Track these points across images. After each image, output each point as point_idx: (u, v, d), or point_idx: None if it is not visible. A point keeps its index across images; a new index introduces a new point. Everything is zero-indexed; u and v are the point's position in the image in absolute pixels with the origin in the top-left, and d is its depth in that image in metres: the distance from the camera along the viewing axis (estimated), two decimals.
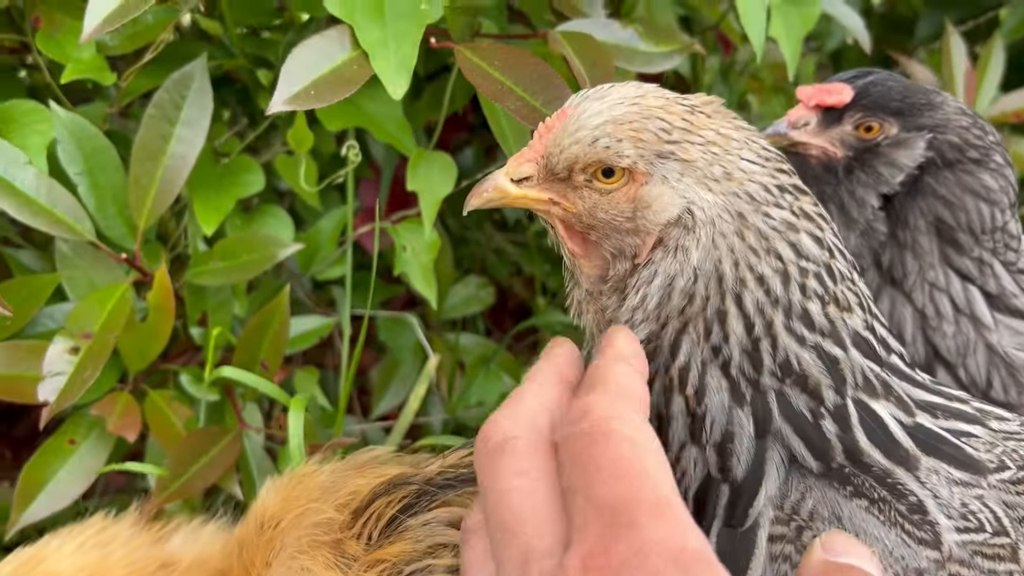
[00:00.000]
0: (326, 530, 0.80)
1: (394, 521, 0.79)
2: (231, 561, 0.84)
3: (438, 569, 0.78)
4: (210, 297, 1.10)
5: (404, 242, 1.13)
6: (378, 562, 0.78)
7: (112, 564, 0.82)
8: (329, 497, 0.82)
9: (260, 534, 0.82)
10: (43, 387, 0.91)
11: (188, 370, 1.10)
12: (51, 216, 0.96)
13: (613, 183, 0.69)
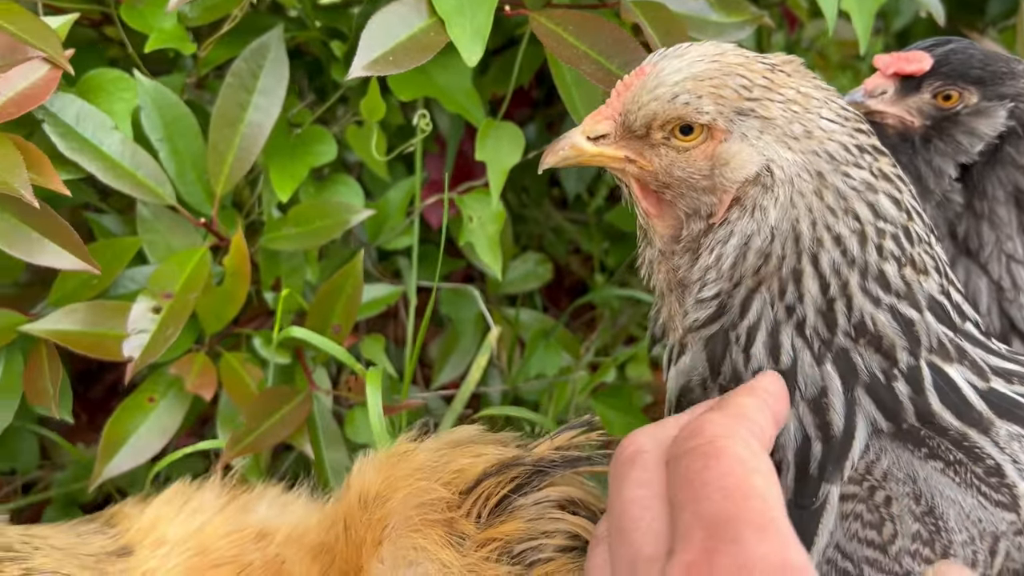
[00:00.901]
0: (437, 509, 0.81)
1: (504, 501, 0.80)
2: (332, 536, 0.85)
3: (548, 548, 0.80)
4: (283, 263, 1.13)
5: (470, 212, 1.14)
6: (491, 540, 0.79)
7: (211, 533, 0.85)
8: (433, 476, 0.83)
9: (365, 512, 0.83)
10: (128, 344, 0.95)
11: (260, 333, 1.13)
12: (134, 180, 1.00)
13: (691, 140, 0.70)
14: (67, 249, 0.92)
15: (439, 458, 0.84)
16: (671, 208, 0.75)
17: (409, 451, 0.85)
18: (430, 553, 0.79)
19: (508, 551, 0.80)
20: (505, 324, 1.51)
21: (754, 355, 0.73)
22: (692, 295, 0.75)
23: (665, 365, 0.86)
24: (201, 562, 0.82)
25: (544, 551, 0.80)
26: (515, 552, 0.80)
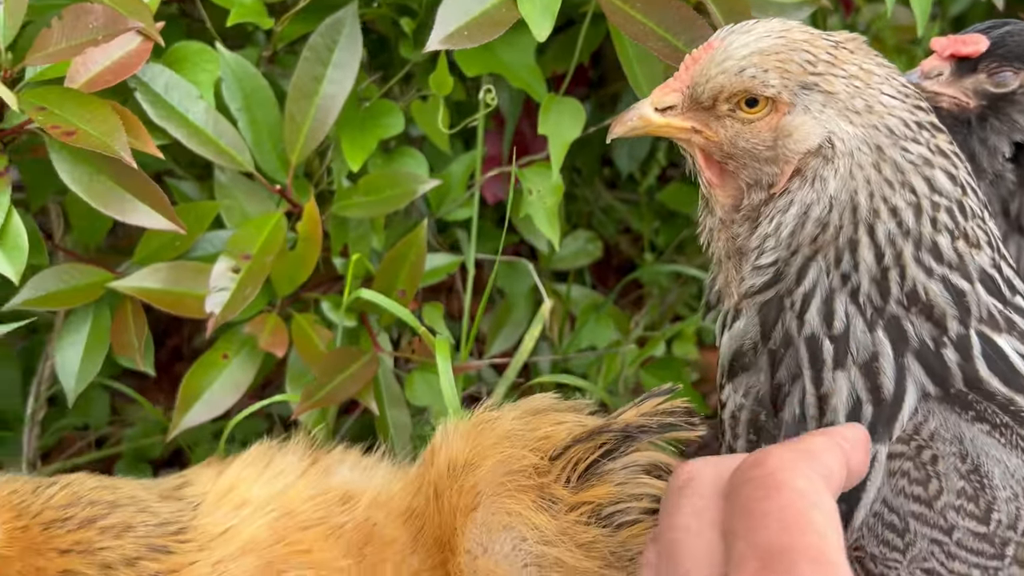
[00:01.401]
0: (528, 475, 0.84)
1: (593, 465, 0.83)
2: (420, 502, 0.88)
3: (635, 511, 0.83)
4: (351, 230, 1.18)
5: (530, 185, 1.18)
6: (581, 504, 0.83)
7: (295, 496, 0.87)
8: (520, 443, 0.85)
9: (455, 479, 0.85)
10: (210, 300, 1.01)
11: (328, 297, 1.19)
12: (217, 147, 1.06)
13: (756, 113, 0.73)
14: (156, 210, 0.98)
15: (524, 425, 0.87)
16: (733, 179, 0.78)
17: (494, 419, 0.88)
18: (524, 517, 0.82)
19: (597, 514, 0.83)
20: (556, 299, 1.56)
21: (808, 321, 0.77)
22: (749, 262, 0.79)
23: (718, 331, 0.90)
24: (288, 523, 0.85)
25: (631, 513, 0.83)
26: (603, 515, 0.83)
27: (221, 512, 0.87)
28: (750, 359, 0.82)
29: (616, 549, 0.83)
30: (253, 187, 1.14)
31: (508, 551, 0.82)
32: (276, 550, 0.84)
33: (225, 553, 0.83)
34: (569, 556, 0.82)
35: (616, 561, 0.83)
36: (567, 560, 0.82)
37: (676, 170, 1.75)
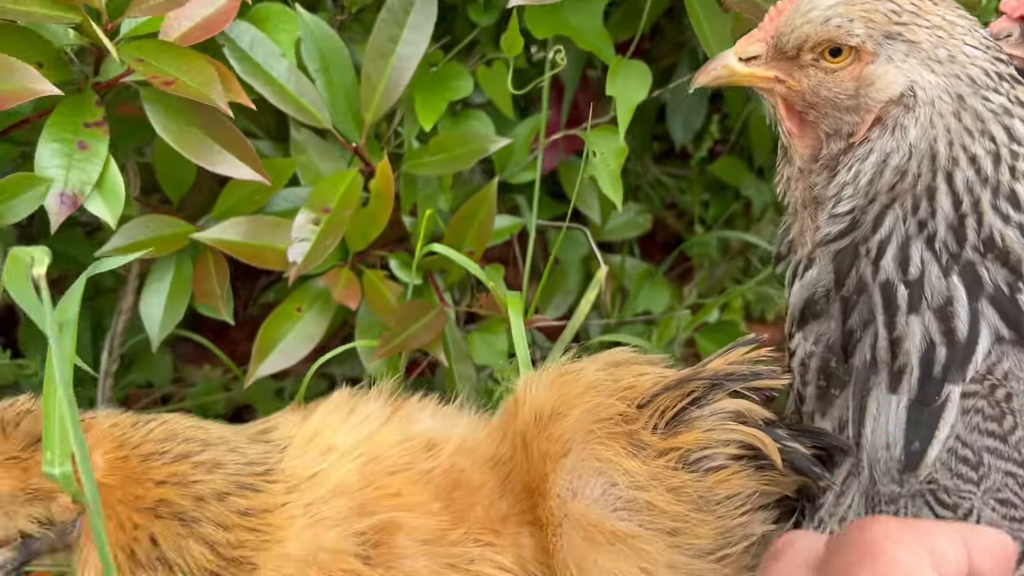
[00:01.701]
0: (616, 423, 0.86)
1: (682, 412, 0.85)
2: (506, 450, 0.90)
3: (721, 456, 0.85)
4: (420, 190, 1.22)
5: (595, 147, 1.21)
6: (670, 450, 0.85)
7: (381, 441, 0.90)
8: (606, 392, 0.88)
9: (542, 428, 0.87)
10: (292, 250, 1.05)
11: (396, 255, 1.22)
12: (298, 104, 1.09)
13: (839, 62, 0.76)
14: (243, 161, 1.02)
15: (608, 376, 0.89)
16: (812, 128, 0.81)
17: (577, 370, 0.90)
18: (615, 463, 0.84)
19: (685, 459, 0.85)
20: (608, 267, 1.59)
21: (883, 267, 0.79)
22: (826, 211, 0.81)
23: (788, 280, 0.93)
24: (375, 468, 0.87)
25: (718, 459, 0.85)
26: (691, 460, 0.85)
27: (308, 456, 0.89)
28: (822, 307, 0.85)
29: (704, 493, 0.85)
30: (327, 146, 1.18)
31: (598, 495, 0.84)
32: (366, 493, 0.86)
33: (316, 496, 0.86)
34: (660, 500, 0.84)
35: (704, 505, 0.85)
36: (658, 503, 0.84)
37: (724, 145, 1.77)
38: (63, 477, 0.66)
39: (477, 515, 0.86)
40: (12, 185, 0.97)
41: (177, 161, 1.12)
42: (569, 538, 0.84)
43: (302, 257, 1.04)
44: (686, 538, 0.84)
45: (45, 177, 0.96)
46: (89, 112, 0.99)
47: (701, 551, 0.85)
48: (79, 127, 0.98)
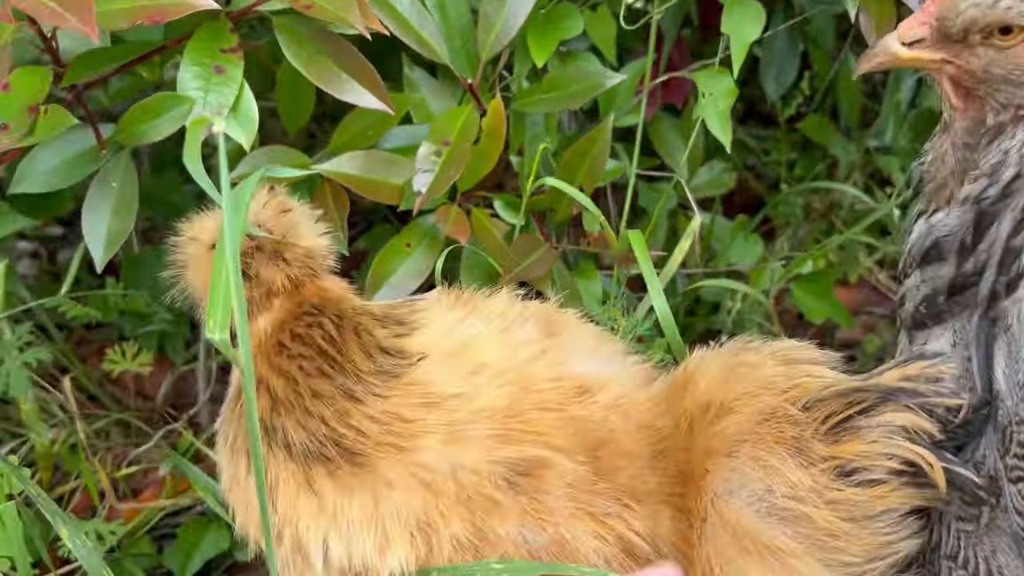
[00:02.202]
0: (786, 427, 0.85)
1: (847, 420, 0.84)
2: (666, 425, 0.89)
3: (881, 470, 0.83)
4: (528, 130, 1.23)
5: (704, 88, 1.22)
6: (832, 458, 0.83)
7: (534, 374, 0.88)
8: (777, 391, 0.87)
9: (710, 422, 0.87)
10: (417, 180, 1.07)
11: (502, 196, 1.24)
12: (419, 38, 1.11)
13: (1011, 40, 0.78)
14: (370, 90, 1.04)
15: (782, 373, 0.88)
16: (977, 102, 0.83)
17: (753, 363, 0.89)
18: (778, 471, 0.83)
19: (842, 468, 0.83)
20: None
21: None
22: (983, 175, 0.84)
23: (913, 219, 0.94)
24: (524, 400, 0.87)
25: (877, 472, 0.83)
26: (848, 470, 0.83)
27: (457, 371, 0.88)
28: (947, 251, 0.86)
29: (862, 508, 0.83)
30: (438, 85, 1.20)
31: (755, 500, 0.84)
32: (512, 424, 0.85)
33: (459, 415, 0.86)
34: (817, 513, 0.83)
35: (860, 520, 0.83)
36: (815, 517, 0.83)
37: (806, 106, 1.77)
38: (222, 343, 0.69)
39: (621, 480, 0.85)
40: (156, 105, 1.00)
41: (298, 93, 1.15)
42: (718, 537, 0.84)
43: (426, 187, 1.06)
44: (837, 554, 0.83)
45: (187, 97, 0.98)
46: (224, 38, 1.01)
47: (848, 566, 0.84)
48: (216, 52, 1.00)
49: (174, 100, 0.99)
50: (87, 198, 1.08)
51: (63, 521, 1.13)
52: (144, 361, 1.43)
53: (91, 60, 1.05)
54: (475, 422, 0.85)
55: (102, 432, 1.43)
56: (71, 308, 1.33)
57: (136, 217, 1.09)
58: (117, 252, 1.08)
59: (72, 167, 1.08)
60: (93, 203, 1.08)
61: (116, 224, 1.08)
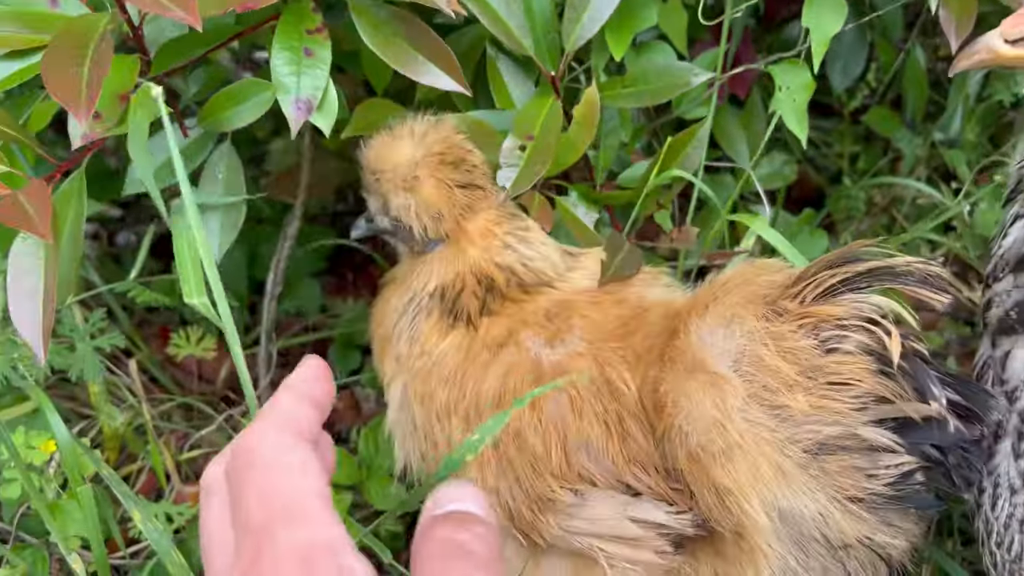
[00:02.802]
0: (766, 290, 0.92)
1: (831, 290, 0.87)
2: (684, 305, 0.99)
3: (851, 342, 0.86)
4: (605, 123, 1.22)
5: (781, 81, 1.20)
6: (804, 316, 0.88)
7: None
8: (771, 269, 0.95)
9: (712, 288, 0.96)
10: (501, 175, 1.06)
11: (578, 187, 1.23)
12: (506, 28, 1.10)
13: None
14: (447, 73, 1.03)
15: (787, 275, 0.94)
16: None
17: (770, 264, 0.97)
18: (742, 318, 0.90)
19: (817, 333, 0.87)
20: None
21: None
22: None
23: (1009, 220, 0.92)
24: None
25: (847, 344, 0.86)
26: (821, 335, 0.87)
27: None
28: None
29: (817, 366, 0.86)
30: (519, 74, 1.18)
31: (717, 340, 0.91)
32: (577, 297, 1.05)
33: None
34: (768, 355, 0.87)
35: (813, 377, 0.86)
36: (765, 358, 0.87)
37: (871, 97, 1.74)
38: (202, 306, 0.71)
39: (635, 340, 0.99)
40: (240, 91, 1.00)
41: (377, 73, 1.14)
42: (677, 372, 0.91)
43: (511, 182, 1.05)
44: (779, 397, 0.87)
45: (269, 84, 0.97)
46: (309, 19, 1.01)
47: (791, 418, 0.87)
48: (303, 34, 0.99)
49: (258, 86, 0.99)
50: (199, 190, 1.08)
51: (135, 504, 1.15)
52: (208, 346, 1.44)
53: (175, 48, 1.04)
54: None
55: (165, 415, 1.44)
56: (140, 293, 1.33)
57: None
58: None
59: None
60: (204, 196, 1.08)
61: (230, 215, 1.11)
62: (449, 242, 1.05)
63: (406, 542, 1.34)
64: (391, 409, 1.08)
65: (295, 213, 1.43)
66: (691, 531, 0.93)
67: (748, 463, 0.87)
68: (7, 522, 1.26)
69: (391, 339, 1.08)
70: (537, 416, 0.96)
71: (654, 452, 0.94)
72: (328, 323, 1.67)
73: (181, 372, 1.56)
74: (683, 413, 0.90)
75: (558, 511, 0.95)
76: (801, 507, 0.87)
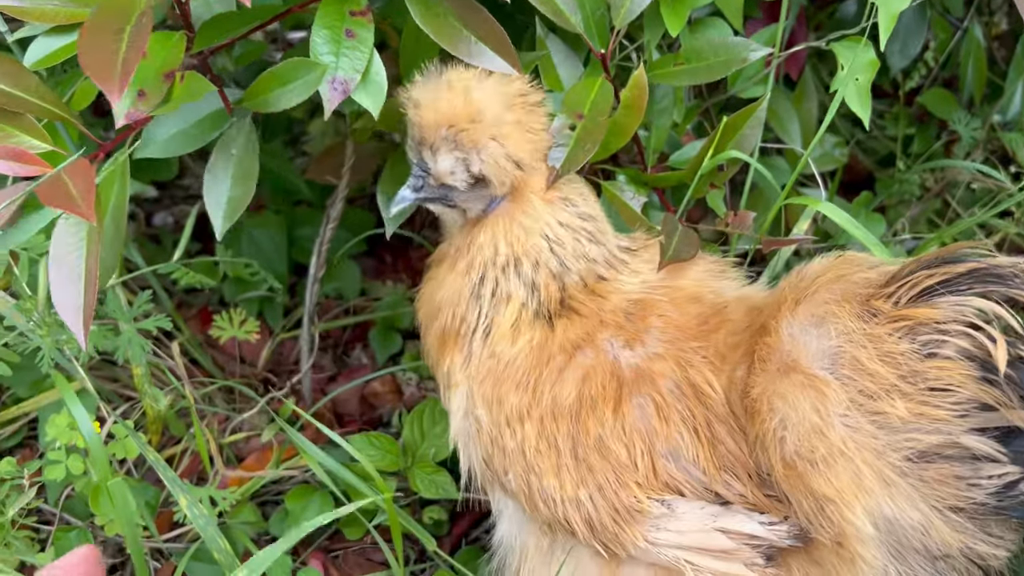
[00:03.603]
0: (860, 287, 0.87)
1: (928, 292, 0.83)
2: (766, 300, 0.96)
3: (951, 348, 0.82)
4: (656, 103, 1.18)
5: (843, 60, 1.15)
6: (900, 319, 0.84)
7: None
8: (865, 264, 0.91)
9: (797, 285, 0.92)
10: (552, 154, 1.03)
11: (626, 171, 1.19)
12: (554, 7, 1.06)
13: None
14: (499, 53, 1.00)
15: (875, 270, 0.90)
16: None
17: (856, 257, 0.93)
18: (838, 319, 0.86)
19: (914, 336, 0.83)
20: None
21: None
22: None
23: None
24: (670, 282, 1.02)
25: (948, 349, 0.82)
26: (920, 338, 0.83)
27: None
28: None
29: (917, 371, 0.83)
30: (567, 52, 1.15)
31: (811, 340, 0.87)
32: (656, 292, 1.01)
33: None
34: (866, 358, 0.84)
35: (913, 382, 0.83)
36: (864, 361, 0.84)
37: (924, 78, 1.68)
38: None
39: (717, 338, 0.96)
40: (286, 71, 0.97)
41: (422, 54, 1.11)
42: (770, 372, 0.88)
43: (560, 162, 1.02)
44: (879, 404, 0.84)
45: (320, 63, 0.95)
46: (354, 0, 0.98)
47: (890, 425, 0.84)
48: (345, 15, 0.97)
49: (306, 66, 0.96)
50: (208, 165, 1.06)
51: (181, 489, 1.14)
52: (251, 328, 1.42)
53: (220, 25, 1.02)
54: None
55: (206, 397, 1.43)
56: (183, 274, 1.32)
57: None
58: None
59: (195, 133, 1.06)
60: (214, 170, 1.06)
61: (237, 192, 1.07)
62: (512, 197, 0.98)
63: (449, 529, 1.33)
64: (455, 419, 1.02)
65: (338, 193, 1.41)
66: (787, 543, 0.89)
67: (851, 471, 0.83)
68: (52, 504, 1.26)
69: (455, 331, 1.01)
70: (620, 423, 0.92)
71: (746, 458, 0.90)
72: (367, 306, 1.65)
73: (222, 355, 1.56)
74: (778, 417, 0.86)
75: (644, 522, 0.91)
76: (904, 516, 0.84)
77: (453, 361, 1.02)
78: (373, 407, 1.52)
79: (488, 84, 0.96)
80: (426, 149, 0.97)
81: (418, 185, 0.99)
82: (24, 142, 0.91)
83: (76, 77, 1.12)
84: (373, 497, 1.16)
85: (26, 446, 1.39)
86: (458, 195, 0.99)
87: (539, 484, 0.94)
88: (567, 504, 0.92)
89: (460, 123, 0.94)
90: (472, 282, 0.99)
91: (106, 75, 0.81)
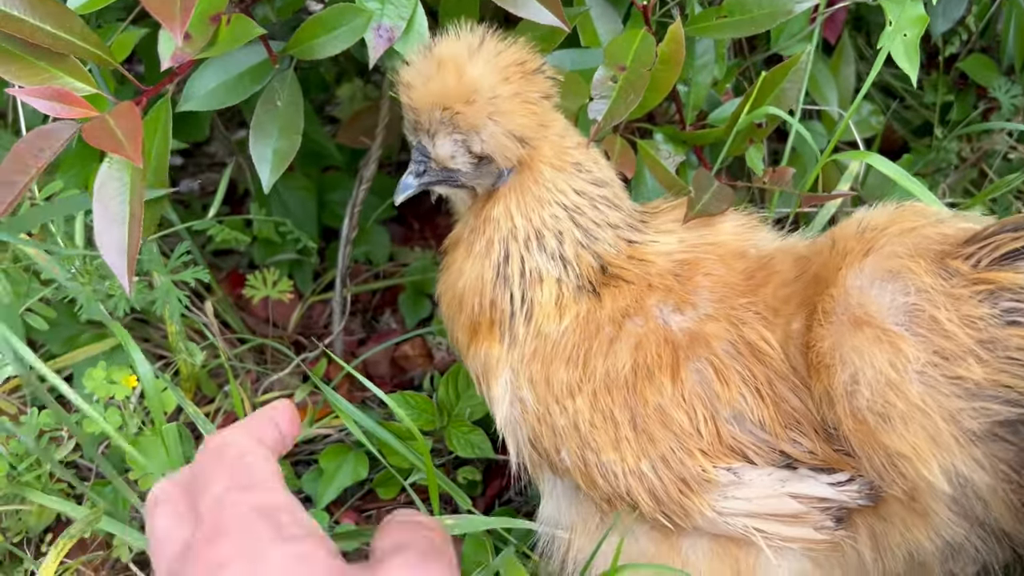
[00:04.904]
0: (936, 242, 0.83)
1: (1012, 254, 0.80)
2: (815, 250, 0.92)
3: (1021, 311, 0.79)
4: (697, 58, 1.16)
5: (890, 16, 1.13)
6: (981, 282, 0.80)
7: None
8: (934, 217, 0.87)
9: (860, 235, 0.88)
10: (592, 107, 1.01)
11: (663, 128, 1.18)
12: None
13: None
14: (547, 7, 0.99)
15: (948, 226, 0.87)
16: None
17: (923, 207, 0.89)
18: (916, 273, 0.82)
19: (995, 301, 0.80)
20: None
21: None
22: None
23: None
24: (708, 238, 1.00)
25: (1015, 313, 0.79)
26: (1001, 304, 0.80)
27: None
28: None
29: (996, 337, 0.80)
30: (606, 8, 1.13)
31: (885, 295, 0.83)
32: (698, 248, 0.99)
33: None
34: (946, 319, 0.80)
35: (992, 348, 0.80)
36: (943, 322, 0.80)
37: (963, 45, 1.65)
38: None
39: (766, 292, 0.93)
40: (332, 17, 0.96)
41: (463, 8, 1.10)
42: (840, 325, 0.84)
43: (601, 115, 1.01)
44: (954, 367, 0.81)
45: (366, 9, 0.94)
46: None
47: (966, 389, 0.81)
48: None
49: (352, 12, 0.95)
50: (254, 118, 1.05)
51: None
52: (284, 288, 1.42)
53: None
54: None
55: (238, 357, 1.43)
56: (219, 231, 1.32)
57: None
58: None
59: (237, 85, 1.05)
60: (260, 123, 1.05)
61: (283, 144, 1.06)
62: (521, 169, 0.93)
63: (483, 490, 1.32)
64: (500, 408, 0.98)
65: (372, 154, 1.40)
66: (858, 503, 0.87)
67: (928, 428, 0.81)
68: (88, 459, 1.27)
69: (487, 319, 0.96)
70: (679, 390, 0.89)
71: (812, 413, 0.87)
72: (396, 271, 1.65)
73: (252, 317, 1.55)
74: (850, 371, 0.83)
75: (711, 491, 0.89)
76: (976, 479, 0.82)
77: (489, 351, 0.98)
78: (403, 370, 1.52)
79: (482, 57, 0.89)
80: (423, 134, 0.92)
81: (420, 171, 0.95)
82: (68, 84, 0.91)
83: (111, 31, 1.11)
84: (409, 455, 1.16)
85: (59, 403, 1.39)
86: (463, 175, 0.95)
87: (596, 459, 0.91)
88: (629, 477, 0.90)
89: (455, 104, 0.88)
90: (495, 263, 0.94)
91: (167, 11, 0.80)
